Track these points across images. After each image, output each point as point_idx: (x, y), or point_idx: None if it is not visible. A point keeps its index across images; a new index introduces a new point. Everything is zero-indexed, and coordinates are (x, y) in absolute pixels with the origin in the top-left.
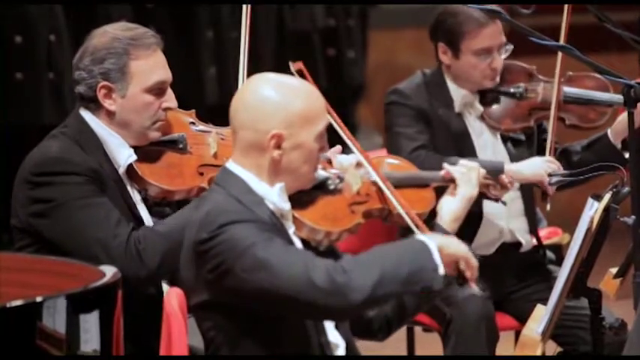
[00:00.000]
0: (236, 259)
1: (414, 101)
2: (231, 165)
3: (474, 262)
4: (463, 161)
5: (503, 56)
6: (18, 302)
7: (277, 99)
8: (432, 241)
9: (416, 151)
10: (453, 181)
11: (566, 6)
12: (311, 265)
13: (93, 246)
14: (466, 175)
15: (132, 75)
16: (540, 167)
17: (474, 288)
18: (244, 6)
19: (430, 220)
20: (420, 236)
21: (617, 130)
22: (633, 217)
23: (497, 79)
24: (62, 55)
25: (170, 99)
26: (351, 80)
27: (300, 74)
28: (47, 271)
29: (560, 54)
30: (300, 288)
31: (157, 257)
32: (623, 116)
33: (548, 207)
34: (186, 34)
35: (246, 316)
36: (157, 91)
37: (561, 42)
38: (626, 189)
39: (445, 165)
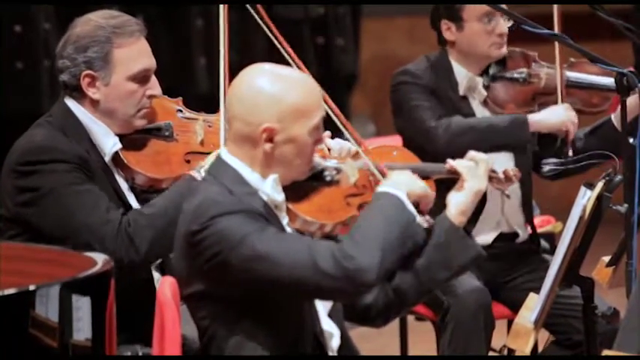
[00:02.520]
0: (231, 251)
1: (424, 80)
2: (225, 155)
3: (431, 195)
4: (473, 153)
5: (508, 24)
6: (11, 290)
7: (271, 91)
8: (400, 191)
9: (440, 119)
10: (456, 174)
11: None
12: (314, 252)
13: (84, 233)
14: (474, 168)
15: (115, 63)
16: (563, 114)
17: (426, 218)
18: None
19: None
20: (389, 189)
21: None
22: (626, 205)
23: (505, 49)
24: (56, 43)
25: (154, 86)
26: (340, 68)
27: (254, 9)
28: (40, 260)
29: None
30: (307, 275)
31: (147, 240)
32: (628, 101)
33: (571, 152)
34: (176, 23)
35: (242, 306)
36: (141, 79)
37: (555, 30)
38: (619, 177)
39: (449, 160)
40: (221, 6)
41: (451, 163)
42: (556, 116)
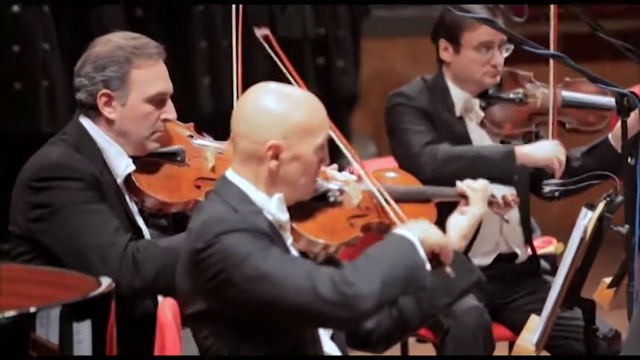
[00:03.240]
0: (234, 269)
1: (417, 103)
2: (230, 174)
3: (450, 247)
4: (469, 182)
5: (505, 55)
6: (11, 313)
7: (277, 110)
8: (413, 235)
9: (427, 145)
10: (463, 197)
11: (552, 14)
12: (314, 275)
13: (89, 253)
14: (479, 193)
15: (133, 84)
16: (550, 150)
17: (448, 270)
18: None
19: None
20: (403, 232)
21: (617, 135)
22: (627, 226)
23: (498, 78)
24: (55, 63)
25: (170, 110)
26: (341, 89)
27: (267, 41)
28: (40, 282)
29: (550, 60)
30: (306, 299)
31: (153, 270)
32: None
33: (557, 194)
34: (179, 43)
35: (244, 325)
36: (157, 101)
37: (552, 50)
38: (620, 198)
39: (459, 183)
40: (234, 27)
41: (460, 186)
42: (544, 152)
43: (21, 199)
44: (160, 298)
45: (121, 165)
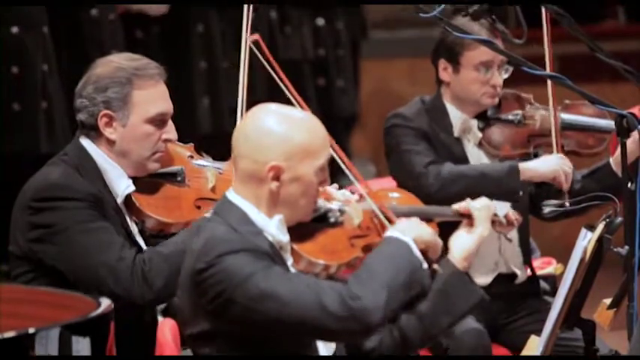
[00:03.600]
0: (236, 289)
1: (415, 123)
2: (231, 194)
3: (439, 244)
4: (472, 201)
5: (504, 76)
6: (11, 333)
7: (278, 131)
8: (408, 236)
9: (430, 165)
10: (466, 216)
11: (545, 35)
12: (320, 291)
13: (99, 270)
14: (483, 212)
15: (134, 104)
16: (555, 163)
17: (435, 267)
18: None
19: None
20: (397, 234)
21: (619, 159)
22: (626, 247)
23: (497, 99)
24: (53, 85)
25: (170, 131)
26: (340, 109)
27: (257, 46)
28: (41, 302)
29: (549, 82)
30: (313, 315)
31: (162, 280)
32: (630, 141)
33: (567, 204)
34: (179, 64)
35: (245, 345)
36: (158, 122)
37: (548, 71)
38: (619, 219)
39: (462, 202)
40: (243, 48)
41: (464, 205)
42: (548, 165)
43: (21, 219)
44: (160, 319)
45: (121, 185)
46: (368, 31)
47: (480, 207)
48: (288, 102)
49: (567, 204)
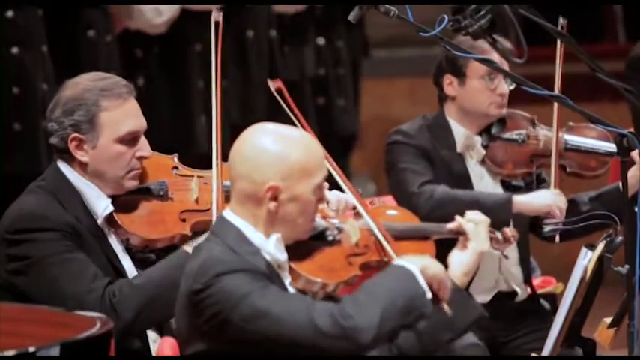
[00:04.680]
0: (232, 309)
1: (417, 141)
2: (228, 214)
3: (448, 283)
4: (470, 214)
5: (510, 87)
6: (11, 352)
7: (275, 150)
8: (413, 265)
9: (424, 185)
10: (461, 233)
11: (558, 56)
12: (313, 310)
13: (68, 301)
14: (480, 227)
15: (102, 126)
16: (549, 199)
17: (445, 307)
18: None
19: None
20: (403, 262)
21: (629, 183)
22: (627, 266)
23: (504, 110)
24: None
25: (143, 148)
26: (341, 128)
27: (279, 93)
28: (39, 321)
29: (555, 104)
30: (305, 333)
31: (131, 310)
32: (634, 170)
33: (557, 239)
34: (176, 82)
35: None
36: (129, 140)
37: (556, 91)
38: (620, 238)
39: (458, 218)
40: (213, 61)
41: (459, 221)
42: (542, 200)
43: (1, 250)
44: (150, 334)
45: (101, 206)
46: (370, 50)
47: (473, 222)
48: (287, 121)
49: (567, 224)
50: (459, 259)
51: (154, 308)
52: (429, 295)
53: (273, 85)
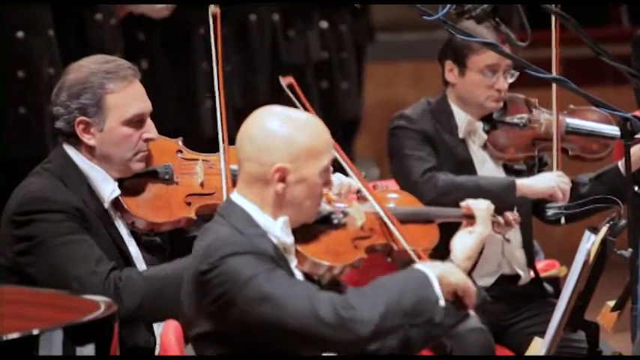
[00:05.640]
0: (238, 291)
1: (419, 125)
2: (235, 196)
3: (473, 290)
4: (471, 201)
5: (509, 80)
6: (15, 335)
7: (283, 132)
8: (432, 271)
9: (428, 172)
10: (471, 217)
11: (554, 39)
12: (315, 299)
13: (71, 283)
14: (485, 212)
15: (108, 108)
16: (552, 180)
17: (472, 314)
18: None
19: (435, 257)
20: (420, 266)
21: (632, 159)
22: (630, 249)
23: (501, 103)
24: None
25: (150, 129)
26: (344, 112)
27: (291, 89)
28: (44, 304)
29: (553, 87)
30: (306, 321)
31: (136, 298)
32: (636, 149)
33: (563, 220)
34: (181, 66)
35: (248, 347)
36: (136, 123)
37: (554, 74)
38: (623, 222)
39: (464, 202)
40: (212, 43)
41: (469, 204)
42: (545, 183)
43: (7, 232)
44: (155, 327)
45: (107, 190)
46: (374, 34)
47: (481, 207)
48: (290, 105)
49: (571, 207)
50: (463, 243)
51: (160, 301)
52: (442, 302)
53: (284, 81)
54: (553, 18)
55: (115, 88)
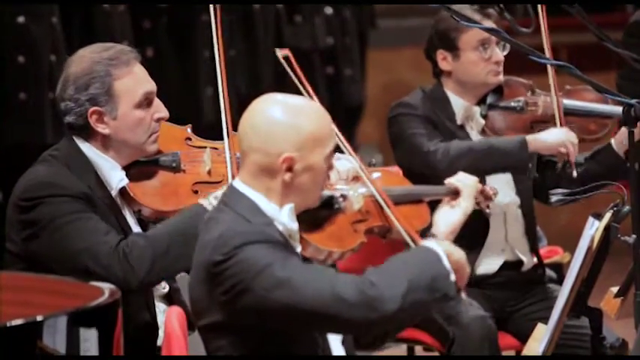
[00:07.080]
0: (253, 279)
1: (421, 111)
2: (239, 184)
3: (468, 270)
4: (462, 175)
5: (504, 52)
6: (18, 321)
7: (287, 121)
8: (439, 247)
9: (437, 145)
10: (456, 193)
11: (542, 25)
12: (336, 281)
13: (81, 256)
14: (470, 188)
15: (119, 95)
16: (562, 134)
17: (463, 295)
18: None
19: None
20: (427, 243)
21: (620, 140)
22: (634, 236)
23: (502, 77)
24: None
25: (160, 109)
26: (349, 98)
27: (287, 61)
28: (47, 290)
29: (550, 68)
30: (327, 302)
31: (146, 261)
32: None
33: (575, 174)
34: (183, 53)
35: (259, 336)
36: (146, 104)
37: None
38: (627, 208)
39: (451, 179)
40: (214, 32)
41: (452, 181)
42: (555, 136)
43: (14, 217)
44: (159, 305)
45: (115, 178)
46: (376, 20)
47: (470, 184)
48: (294, 92)
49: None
50: (447, 218)
51: (169, 258)
52: (453, 277)
53: (280, 52)
54: (540, 6)
55: (121, 73)
